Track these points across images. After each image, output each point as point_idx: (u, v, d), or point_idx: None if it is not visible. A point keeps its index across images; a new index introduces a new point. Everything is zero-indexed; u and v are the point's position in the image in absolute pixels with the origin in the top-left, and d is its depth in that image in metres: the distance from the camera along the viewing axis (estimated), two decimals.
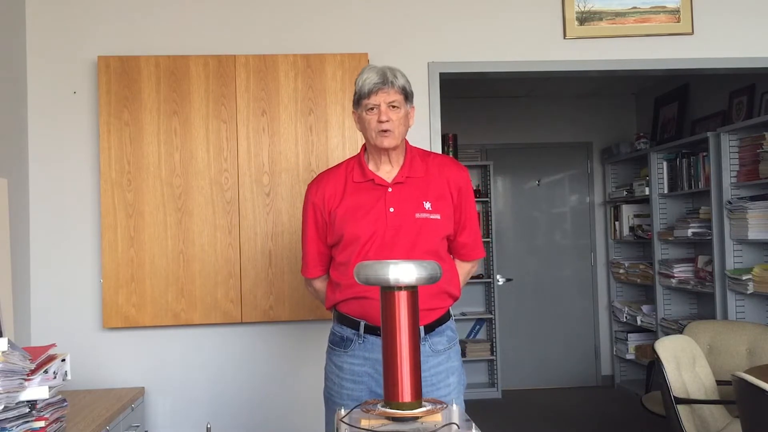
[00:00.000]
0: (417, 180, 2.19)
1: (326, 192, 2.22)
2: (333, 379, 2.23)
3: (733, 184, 4.30)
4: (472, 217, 2.29)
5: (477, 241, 2.32)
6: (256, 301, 3.19)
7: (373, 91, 2.10)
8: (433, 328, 2.17)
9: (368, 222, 2.13)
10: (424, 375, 2.15)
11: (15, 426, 2.03)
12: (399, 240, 2.12)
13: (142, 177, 3.15)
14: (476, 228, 2.31)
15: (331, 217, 2.20)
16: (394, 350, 1.43)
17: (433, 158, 2.27)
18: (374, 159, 2.22)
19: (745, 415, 2.54)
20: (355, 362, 2.17)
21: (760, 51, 3.51)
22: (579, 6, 3.43)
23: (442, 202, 2.19)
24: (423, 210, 2.15)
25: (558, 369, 6.25)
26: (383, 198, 2.16)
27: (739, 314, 4.24)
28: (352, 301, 2.16)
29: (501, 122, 6.31)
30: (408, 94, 2.17)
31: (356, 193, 2.19)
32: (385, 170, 2.21)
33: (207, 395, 3.25)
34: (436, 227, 2.16)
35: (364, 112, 2.14)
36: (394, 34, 3.38)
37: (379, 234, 2.12)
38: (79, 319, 3.21)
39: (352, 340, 2.18)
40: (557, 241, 6.35)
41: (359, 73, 2.17)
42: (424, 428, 1.39)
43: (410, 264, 1.42)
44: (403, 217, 2.14)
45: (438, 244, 2.18)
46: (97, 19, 3.27)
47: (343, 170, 2.25)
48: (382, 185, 2.18)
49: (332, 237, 2.21)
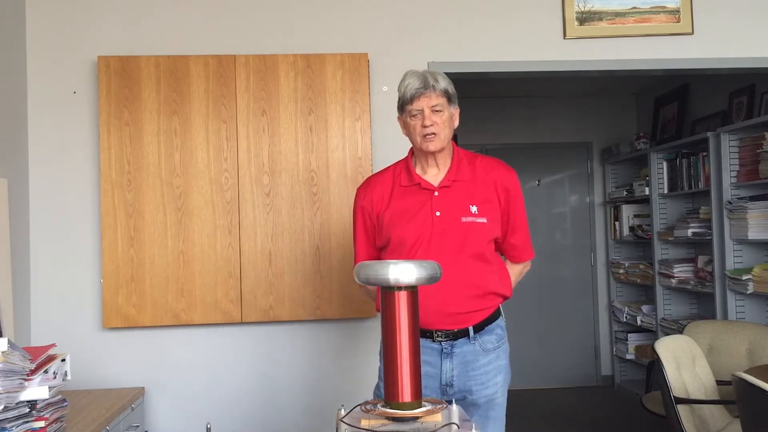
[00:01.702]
0: (463, 183, 2.21)
1: (374, 196, 2.25)
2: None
3: (733, 184, 4.30)
4: (522, 219, 2.31)
5: (527, 243, 2.34)
6: (256, 301, 3.19)
7: (416, 96, 2.12)
8: (482, 327, 2.19)
9: (414, 226, 2.15)
10: (475, 374, 2.18)
11: (15, 426, 2.03)
12: (445, 243, 2.13)
13: (142, 177, 3.15)
14: (526, 230, 2.33)
15: (378, 221, 2.23)
16: (394, 350, 1.43)
17: (481, 161, 2.28)
18: (421, 163, 2.24)
19: (745, 415, 2.54)
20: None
21: (760, 51, 3.51)
22: (579, 6, 3.43)
23: (489, 206, 2.20)
24: (469, 214, 2.16)
25: (558, 369, 6.25)
26: (429, 202, 2.18)
27: (739, 314, 4.24)
28: None
29: (501, 122, 6.31)
30: (451, 96, 2.19)
31: (403, 197, 2.21)
32: (431, 174, 2.23)
33: (207, 395, 3.25)
34: (482, 231, 2.17)
35: (409, 117, 2.16)
36: (394, 34, 3.38)
37: (425, 238, 2.14)
38: (79, 319, 3.21)
39: None
40: (557, 241, 6.35)
41: (401, 79, 2.18)
42: (424, 428, 1.39)
43: (410, 264, 1.42)
44: (449, 221, 2.15)
45: (484, 247, 2.19)
46: (97, 19, 3.27)
47: (391, 174, 2.28)
48: (428, 189, 2.20)
49: (380, 240, 2.25)
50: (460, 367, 2.18)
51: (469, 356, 2.18)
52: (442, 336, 2.16)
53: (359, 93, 3.23)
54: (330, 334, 3.27)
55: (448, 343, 2.17)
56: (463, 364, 2.17)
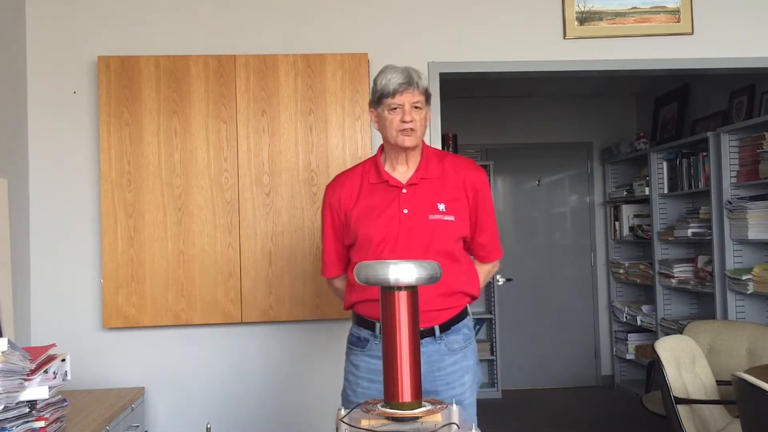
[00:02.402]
0: (432, 181, 2.20)
1: (342, 193, 2.24)
2: (350, 378, 2.26)
3: (733, 184, 4.30)
4: (491, 218, 2.29)
5: (496, 242, 2.34)
6: (256, 301, 3.19)
7: (399, 90, 2.11)
8: (448, 327, 2.18)
9: (382, 223, 2.15)
10: (440, 374, 2.16)
11: (15, 426, 2.03)
12: (413, 241, 2.13)
13: (142, 177, 3.15)
14: (494, 229, 2.32)
15: (347, 218, 2.22)
16: (394, 350, 1.43)
17: (450, 159, 2.28)
18: (391, 160, 2.23)
19: (745, 415, 2.54)
20: (372, 361, 2.19)
21: (760, 51, 3.51)
22: (579, 6, 3.43)
23: (457, 204, 2.19)
24: (437, 211, 2.16)
25: (558, 369, 6.25)
26: (397, 199, 2.17)
27: (739, 314, 4.24)
28: (368, 303, 2.18)
29: (501, 122, 6.31)
30: (429, 95, 2.19)
31: (371, 194, 2.20)
32: (400, 171, 2.22)
33: (207, 395, 3.25)
34: (449, 228, 2.16)
35: (386, 111, 2.14)
36: (394, 34, 3.38)
37: (392, 235, 2.13)
38: (79, 319, 3.21)
39: (369, 340, 2.20)
40: (557, 241, 6.35)
41: (380, 71, 2.17)
42: (424, 428, 1.39)
43: (410, 264, 1.42)
44: (417, 218, 2.15)
45: (452, 245, 2.18)
46: (97, 19, 3.27)
47: (360, 171, 2.27)
48: (396, 186, 2.19)
49: (348, 238, 2.24)
50: (426, 366, 2.15)
51: (434, 356, 2.16)
52: None
53: (359, 93, 3.23)
54: (330, 334, 3.27)
55: None
56: (428, 364, 2.14)
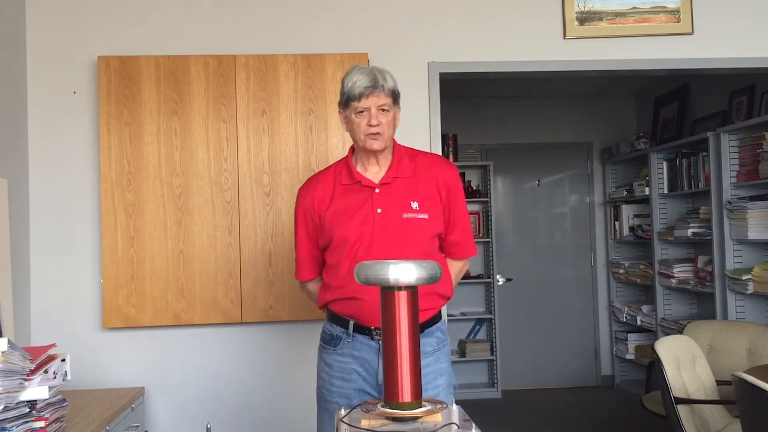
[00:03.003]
0: (404, 180, 2.19)
1: (315, 196, 2.23)
2: (323, 377, 2.26)
3: (733, 184, 4.30)
4: (463, 215, 2.28)
5: (468, 239, 2.31)
6: (256, 301, 3.19)
7: (364, 94, 2.09)
8: (422, 329, 2.15)
9: (356, 224, 2.14)
10: None
11: (15, 426, 2.03)
12: (387, 240, 2.12)
13: (142, 177, 3.15)
14: (467, 226, 2.30)
15: (321, 221, 2.22)
16: (394, 350, 1.43)
17: (422, 157, 2.27)
18: (362, 160, 2.23)
19: (745, 415, 2.54)
20: (344, 360, 2.19)
21: (760, 51, 3.51)
22: (579, 6, 3.43)
23: (430, 202, 2.19)
24: (410, 210, 2.15)
25: (558, 369, 6.25)
26: (370, 199, 2.17)
27: (739, 314, 4.24)
28: (342, 301, 2.18)
29: (501, 122, 6.31)
30: (396, 96, 2.17)
31: (344, 195, 2.20)
32: (372, 171, 2.21)
33: (207, 395, 3.25)
34: (424, 227, 2.16)
35: (353, 114, 2.13)
36: (394, 34, 3.38)
37: (366, 235, 2.13)
38: (79, 319, 3.21)
39: (342, 338, 2.20)
40: (557, 241, 6.35)
41: (347, 73, 2.15)
42: (424, 428, 1.39)
43: (410, 264, 1.42)
44: (391, 217, 2.14)
45: (428, 243, 2.18)
46: (97, 19, 3.27)
47: (332, 173, 2.26)
48: (369, 186, 2.18)
49: (323, 240, 2.23)
50: None
51: None
52: (379, 334, 2.11)
53: None
54: None
55: None
56: None
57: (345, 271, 2.13)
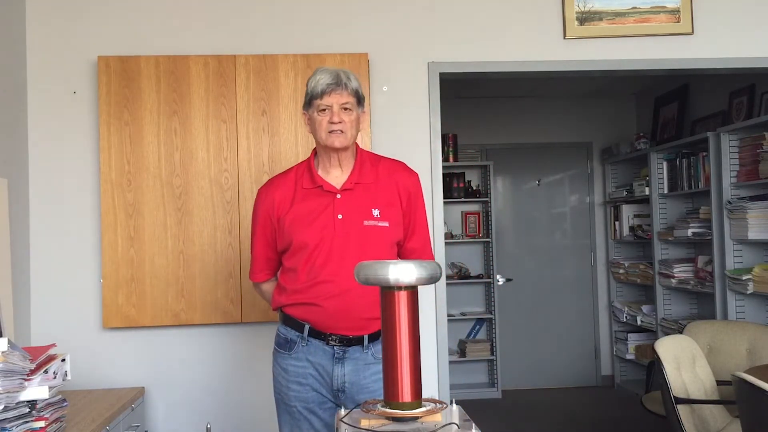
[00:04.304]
0: (366, 186, 2.19)
1: (276, 198, 2.22)
2: (280, 381, 2.26)
3: (733, 184, 4.30)
4: (422, 222, 2.29)
5: (426, 246, 2.31)
6: (256, 301, 3.18)
7: (326, 92, 2.10)
8: (377, 337, 2.17)
9: (316, 229, 2.13)
10: (366, 382, 2.16)
11: (15, 426, 2.03)
12: (347, 247, 2.12)
13: (142, 177, 3.15)
14: (425, 233, 2.31)
15: (280, 224, 2.20)
16: (394, 350, 1.43)
17: (384, 163, 2.27)
18: (324, 163, 2.22)
19: (745, 415, 2.54)
20: (299, 364, 2.20)
21: (760, 51, 3.51)
22: (579, 6, 3.43)
23: (391, 209, 2.19)
24: (371, 217, 2.15)
25: (558, 369, 6.25)
26: (332, 205, 2.16)
27: (739, 314, 4.24)
28: (299, 306, 2.18)
29: (501, 122, 6.31)
30: (360, 97, 2.17)
31: (305, 199, 2.19)
32: (334, 175, 2.20)
33: (207, 395, 3.25)
34: (384, 234, 2.16)
35: (316, 112, 2.14)
36: (394, 34, 3.38)
37: (326, 241, 2.12)
38: (79, 319, 3.21)
39: (296, 342, 2.21)
40: (557, 241, 6.35)
41: (312, 74, 2.17)
42: (424, 428, 1.39)
43: (410, 264, 1.42)
44: (351, 224, 2.14)
45: (387, 251, 2.17)
46: (97, 19, 3.27)
47: (293, 176, 2.25)
48: (330, 192, 2.17)
49: (282, 243, 2.22)
50: (352, 374, 2.16)
51: (359, 364, 2.16)
52: (336, 341, 2.15)
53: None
54: None
55: (341, 349, 2.16)
56: (354, 372, 2.15)
57: (303, 276, 2.14)
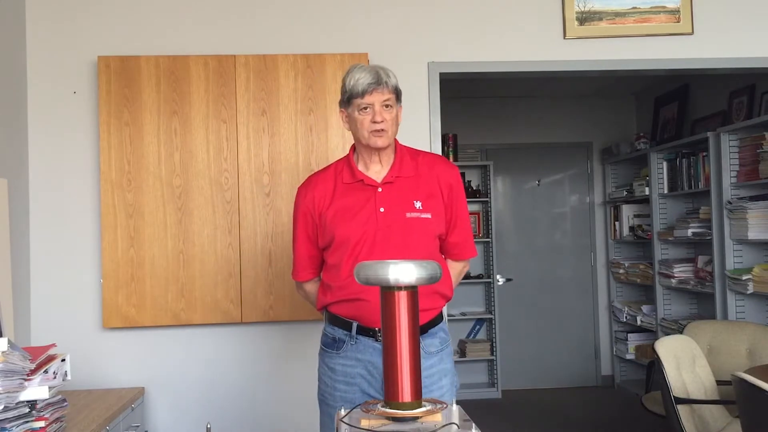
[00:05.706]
0: (407, 179, 2.18)
1: (316, 194, 2.20)
2: (326, 381, 2.23)
3: (733, 184, 4.30)
4: (464, 215, 2.26)
5: (469, 240, 2.29)
6: (256, 301, 3.19)
7: (368, 90, 2.08)
8: (425, 330, 2.15)
9: (358, 223, 2.12)
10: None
11: (15, 426, 2.03)
12: (390, 240, 2.10)
13: (142, 177, 3.15)
14: (468, 227, 2.28)
15: (321, 220, 2.19)
16: (394, 350, 1.43)
17: (423, 157, 2.26)
18: (364, 159, 2.20)
19: (745, 415, 2.54)
20: (348, 363, 2.17)
21: (760, 51, 3.51)
22: (579, 6, 3.43)
23: (433, 201, 2.17)
24: (414, 209, 2.13)
25: (558, 369, 6.25)
26: (373, 198, 2.14)
27: (739, 314, 4.24)
28: (345, 303, 2.15)
29: (501, 122, 6.31)
30: (399, 93, 2.16)
31: (346, 194, 2.17)
32: (374, 170, 2.19)
33: (207, 395, 3.25)
34: (427, 226, 2.14)
35: (357, 111, 2.11)
36: (394, 34, 3.38)
37: (369, 235, 2.11)
38: (79, 319, 3.21)
39: (344, 341, 2.17)
40: (557, 241, 6.35)
41: (348, 71, 2.14)
42: (424, 428, 1.39)
43: (410, 264, 1.42)
44: (394, 216, 2.12)
45: (431, 243, 2.17)
46: (97, 19, 3.27)
47: (333, 172, 2.24)
48: (371, 185, 2.16)
49: (323, 239, 2.20)
50: None
51: None
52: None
53: None
54: None
55: None
56: None
57: (347, 271, 2.10)
